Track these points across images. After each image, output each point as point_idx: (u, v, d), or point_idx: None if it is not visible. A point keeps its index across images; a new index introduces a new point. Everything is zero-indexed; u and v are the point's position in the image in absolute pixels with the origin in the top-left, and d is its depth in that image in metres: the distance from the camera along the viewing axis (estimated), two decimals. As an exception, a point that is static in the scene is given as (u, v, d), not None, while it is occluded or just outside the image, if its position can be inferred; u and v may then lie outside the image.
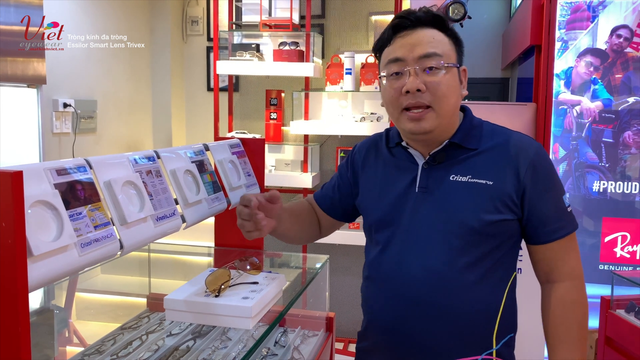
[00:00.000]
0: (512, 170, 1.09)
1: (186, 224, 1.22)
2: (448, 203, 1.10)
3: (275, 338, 1.62)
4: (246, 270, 1.33)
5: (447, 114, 1.10)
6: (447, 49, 1.09)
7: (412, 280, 1.11)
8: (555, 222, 1.11)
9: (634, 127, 2.59)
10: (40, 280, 0.80)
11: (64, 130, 3.11)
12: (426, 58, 1.07)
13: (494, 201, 1.08)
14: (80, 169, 0.94)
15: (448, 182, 1.11)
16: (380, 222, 1.19)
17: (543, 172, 1.10)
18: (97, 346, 1.42)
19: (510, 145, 1.11)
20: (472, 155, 1.12)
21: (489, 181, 1.09)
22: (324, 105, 3.30)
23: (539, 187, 1.09)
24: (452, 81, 1.09)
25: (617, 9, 2.57)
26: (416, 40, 1.08)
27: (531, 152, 1.10)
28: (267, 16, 3.10)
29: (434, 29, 1.10)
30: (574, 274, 1.14)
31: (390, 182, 1.19)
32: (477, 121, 1.18)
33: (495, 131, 1.16)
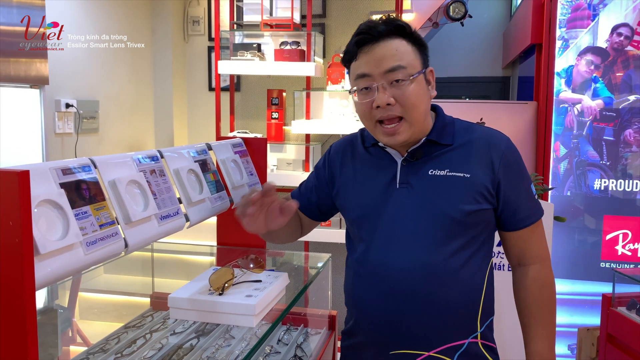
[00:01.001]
0: (487, 163, 1.15)
1: (190, 223, 1.22)
2: (429, 196, 1.15)
3: (278, 336, 1.63)
4: (249, 269, 1.34)
5: (419, 121, 1.15)
6: (411, 58, 1.12)
7: (399, 272, 1.14)
8: (526, 210, 1.19)
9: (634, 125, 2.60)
10: (47, 278, 0.81)
11: (66, 131, 3.12)
12: (392, 72, 1.10)
13: (471, 192, 1.14)
14: (85, 168, 0.95)
15: (427, 176, 1.16)
16: (362, 219, 1.22)
17: (514, 164, 1.18)
18: (101, 345, 1.43)
19: (483, 140, 1.18)
20: (448, 151, 1.18)
21: (466, 174, 1.14)
22: (325, 104, 3.30)
23: (512, 179, 1.17)
24: (419, 89, 1.12)
25: (617, 7, 2.58)
26: (380, 55, 1.11)
27: (502, 146, 1.17)
28: (268, 16, 3.11)
29: (397, 39, 1.12)
30: (543, 256, 1.23)
31: (370, 179, 1.22)
32: (449, 119, 1.24)
33: (467, 128, 1.22)
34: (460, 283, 1.14)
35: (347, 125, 3.08)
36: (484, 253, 1.20)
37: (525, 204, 1.19)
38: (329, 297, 1.79)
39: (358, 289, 1.23)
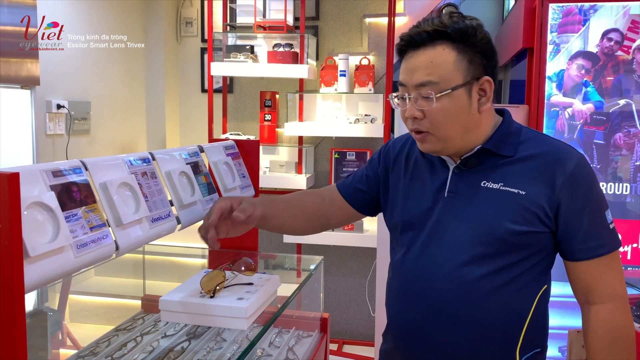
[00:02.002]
0: (548, 181, 1.05)
1: (181, 226, 1.22)
2: (476, 209, 1.08)
3: (269, 339, 1.63)
4: (241, 272, 1.33)
5: (452, 136, 1.07)
6: (448, 70, 1.03)
7: (433, 285, 1.09)
8: (593, 239, 1.05)
9: (624, 129, 2.62)
10: (37, 281, 0.80)
11: (57, 132, 3.10)
12: (421, 87, 1.04)
13: (523, 212, 1.04)
14: (76, 170, 0.95)
15: (478, 188, 1.09)
16: (407, 224, 1.17)
17: (582, 186, 1.05)
18: (92, 348, 1.42)
19: (549, 155, 1.07)
20: (507, 163, 1.08)
21: (521, 191, 1.05)
22: (318, 106, 3.31)
23: (577, 202, 1.04)
24: (451, 106, 1.04)
25: (607, 12, 2.60)
26: (414, 66, 1.05)
27: (570, 164, 1.05)
28: (262, 18, 3.11)
29: (440, 46, 1.03)
30: (616, 295, 1.07)
31: (420, 183, 1.17)
32: (515, 127, 1.13)
33: (535, 139, 1.11)
34: (497, 306, 1.06)
35: (340, 128, 3.09)
36: (534, 278, 1.09)
37: (592, 233, 1.05)
38: (321, 299, 1.79)
39: (391, 293, 1.20)
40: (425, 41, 1.04)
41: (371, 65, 3.17)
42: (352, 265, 3.38)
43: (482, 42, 1.05)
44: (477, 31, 1.05)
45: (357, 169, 3.26)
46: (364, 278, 3.32)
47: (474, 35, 1.04)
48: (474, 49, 1.04)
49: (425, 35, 1.04)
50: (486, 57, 1.06)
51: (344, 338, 3.39)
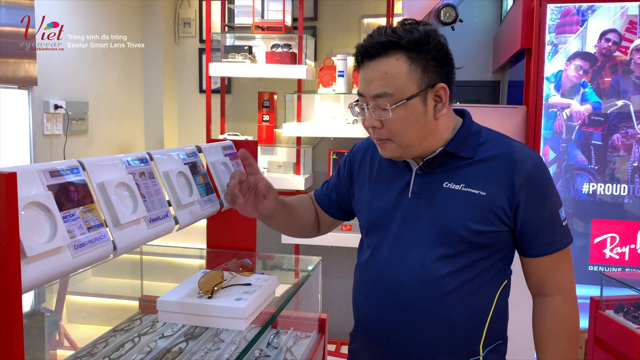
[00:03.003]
0: (507, 182, 1.08)
1: (179, 226, 1.22)
2: (439, 210, 1.11)
3: (268, 339, 1.63)
4: (239, 272, 1.33)
5: (411, 142, 1.09)
6: (402, 81, 1.04)
7: (398, 286, 1.12)
8: (549, 236, 1.10)
9: (622, 130, 2.63)
10: (34, 281, 0.80)
11: (55, 132, 3.10)
12: (378, 98, 1.06)
13: (485, 212, 1.08)
14: (74, 170, 0.94)
15: (441, 189, 1.11)
16: (371, 225, 1.20)
17: (539, 187, 1.09)
18: (89, 349, 1.42)
19: (508, 156, 1.10)
20: (467, 164, 1.11)
21: (482, 191, 1.08)
22: (316, 107, 3.31)
23: (534, 202, 1.09)
24: (408, 115, 1.06)
25: (605, 13, 2.61)
26: (370, 77, 1.07)
27: (529, 165, 1.09)
28: (260, 18, 3.11)
29: (394, 56, 1.04)
30: (566, 288, 1.14)
31: (384, 185, 1.20)
32: (475, 128, 1.16)
33: (494, 140, 1.14)
34: (461, 304, 1.09)
35: (338, 128, 3.09)
36: (495, 274, 1.13)
37: (548, 230, 1.10)
38: (319, 300, 1.78)
39: (358, 294, 1.23)
40: (379, 52, 1.06)
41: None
42: (350, 265, 3.38)
43: (436, 48, 1.06)
44: (431, 38, 1.06)
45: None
46: (362, 279, 3.32)
47: (427, 43, 1.05)
48: (427, 57, 1.05)
49: (379, 46, 1.05)
50: (441, 64, 1.07)
51: (342, 339, 3.38)
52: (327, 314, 1.78)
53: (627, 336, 1.85)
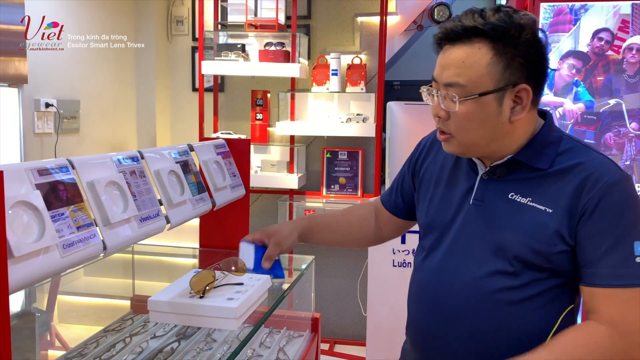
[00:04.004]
0: (576, 197, 0.96)
1: (170, 225, 1.21)
2: (500, 222, 1.02)
3: (260, 339, 1.62)
4: (231, 272, 1.32)
5: (476, 142, 1.00)
6: (479, 73, 0.95)
7: (450, 294, 1.06)
8: (609, 267, 0.94)
9: (614, 129, 2.64)
10: (21, 282, 0.79)
11: (45, 131, 3.07)
12: (449, 87, 0.97)
13: (549, 231, 0.97)
14: (63, 169, 0.93)
15: (505, 199, 1.02)
16: (428, 227, 1.14)
17: (608, 210, 0.94)
18: (80, 349, 1.40)
19: (583, 169, 0.97)
20: (540, 176, 1.00)
21: (549, 208, 0.98)
22: (310, 106, 3.30)
23: (597, 225, 0.95)
24: (477, 112, 0.96)
25: (598, 12, 2.61)
26: (446, 63, 0.98)
27: (602, 182, 0.95)
28: (253, 16, 3.10)
29: (478, 43, 0.95)
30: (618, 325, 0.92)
31: (447, 185, 1.13)
32: (555, 136, 1.03)
33: (574, 150, 1.01)
34: (515, 321, 1.00)
35: (331, 127, 3.08)
36: (557, 296, 1.02)
37: (611, 261, 0.93)
38: (312, 299, 1.78)
39: (411, 294, 1.18)
40: (461, 36, 0.96)
41: (363, 64, 3.16)
42: (343, 265, 3.38)
43: (528, 44, 0.95)
44: (525, 31, 0.95)
45: (348, 168, 3.26)
46: (356, 278, 3.31)
47: (518, 36, 0.94)
48: (514, 52, 0.94)
49: (462, 30, 0.96)
50: (530, 62, 0.96)
51: (336, 338, 3.38)
52: (320, 314, 1.77)
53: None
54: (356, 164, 3.24)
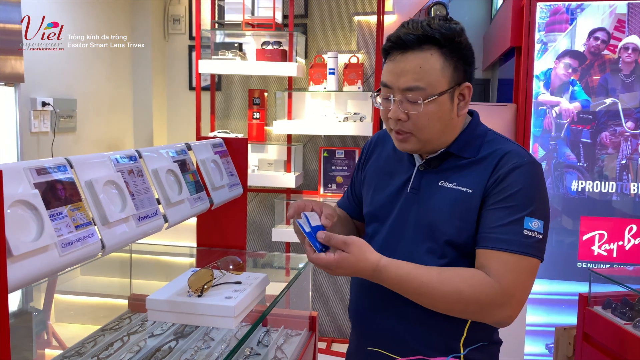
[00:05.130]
0: (489, 177, 1.09)
1: (168, 224, 1.21)
2: (431, 207, 1.12)
3: (258, 338, 1.62)
4: (229, 270, 1.32)
5: (432, 138, 1.11)
6: (435, 77, 1.05)
7: None
8: (500, 233, 1.04)
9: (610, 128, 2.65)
10: (20, 280, 0.79)
11: (42, 130, 3.06)
12: (409, 91, 1.06)
13: (468, 208, 1.09)
14: (61, 168, 0.93)
15: (436, 187, 1.13)
16: (371, 216, 1.23)
17: (511, 185, 1.06)
18: (77, 348, 1.40)
19: (499, 154, 1.10)
20: (465, 164, 1.13)
21: (469, 189, 1.09)
22: (307, 105, 3.30)
23: (498, 196, 1.06)
24: (436, 111, 1.07)
25: (594, 12, 2.62)
26: (401, 69, 1.07)
27: (511, 163, 1.07)
28: (250, 15, 3.09)
29: (429, 50, 1.05)
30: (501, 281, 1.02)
31: (388, 177, 1.22)
32: (481, 130, 1.16)
33: (495, 141, 1.14)
34: None
35: (329, 126, 3.08)
36: None
37: (502, 229, 1.04)
38: (309, 298, 1.78)
39: (352, 278, 1.26)
40: (413, 45, 1.06)
41: (360, 63, 3.17)
42: (341, 263, 3.38)
43: (466, 47, 1.09)
44: (462, 36, 1.08)
45: (345, 167, 3.27)
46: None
47: (460, 42, 1.07)
48: (458, 55, 1.07)
49: (414, 38, 1.05)
50: (467, 63, 1.10)
51: (333, 336, 3.39)
52: (317, 312, 1.78)
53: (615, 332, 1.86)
54: (353, 163, 3.25)
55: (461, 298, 1.03)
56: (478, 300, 1.03)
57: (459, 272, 1.05)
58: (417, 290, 1.04)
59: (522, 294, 1.05)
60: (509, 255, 1.04)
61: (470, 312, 1.05)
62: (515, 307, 1.04)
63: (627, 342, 1.80)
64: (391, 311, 1.14)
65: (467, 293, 1.02)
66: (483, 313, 1.05)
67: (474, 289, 1.02)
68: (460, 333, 1.13)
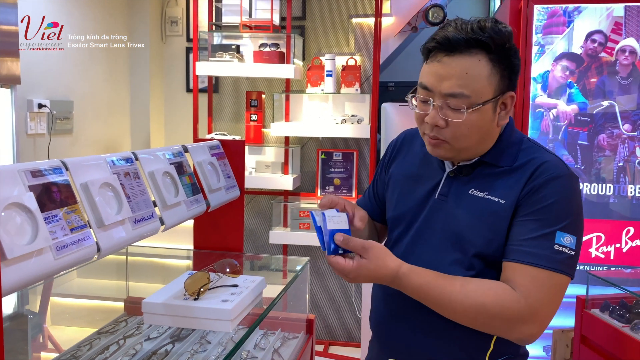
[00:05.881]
0: (523, 187, 1.03)
1: (165, 227, 1.20)
2: (458, 216, 1.08)
3: (255, 341, 1.61)
4: (226, 273, 1.32)
5: (469, 147, 1.06)
6: (482, 84, 0.99)
7: None
8: (530, 247, 1.00)
9: (607, 130, 2.65)
10: (15, 284, 0.78)
11: (38, 132, 3.05)
12: (451, 97, 1.00)
13: (499, 219, 1.04)
14: (56, 170, 0.92)
15: (466, 194, 1.09)
16: (396, 220, 1.18)
17: (546, 197, 1.01)
18: (73, 351, 1.40)
19: (534, 163, 1.05)
20: (498, 173, 1.07)
21: (502, 199, 1.04)
22: (304, 107, 3.30)
23: (532, 208, 1.02)
24: (478, 120, 1.01)
25: (591, 14, 2.63)
26: (446, 73, 1.00)
27: (547, 174, 1.02)
28: (247, 17, 3.09)
29: (477, 55, 0.99)
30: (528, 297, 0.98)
31: (415, 182, 1.17)
32: (516, 138, 1.11)
33: (530, 150, 1.09)
34: None
35: (326, 128, 3.08)
36: None
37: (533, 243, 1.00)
38: (307, 300, 1.78)
39: (375, 286, 1.22)
40: (461, 47, 0.99)
41: (358, 65, 3.17)
42: (338, 265, 3.37)
43: (515, 55, 1.03)
44: (511, 42, 1.02)
45: (343, 169, 3.26)
46: (350, 279, 3.31)
47: (509, 49, 1.01)
48: (506, 62, 1.01)
49: (463, 40, 0.99)
50: (514, 72, 1.04)
51: (330, 339, 3.38)
52: (314, 315, 1.77)
53: (613, 334, 1.86)
54: (351, 165, 3.24)
55: (484, 311, 0.99)
56: (501, 315, 0.99)
57: (483, 285, 1.01)
58: (437, 301, 1.01)
59: (547, 312, 1.01)
60: (537, 271, 1.00)
61: (493, 326, 1.01)
62: (539, 325, 1.00)
63: (624, 344, 1.80)
64: (413, 321, 1.10)
65: (490, 307, 0.99)
66: (505, 328, 1.01)
67: (498, 304, 0.99)
68: (486, 346, 1.08)
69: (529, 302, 0.98)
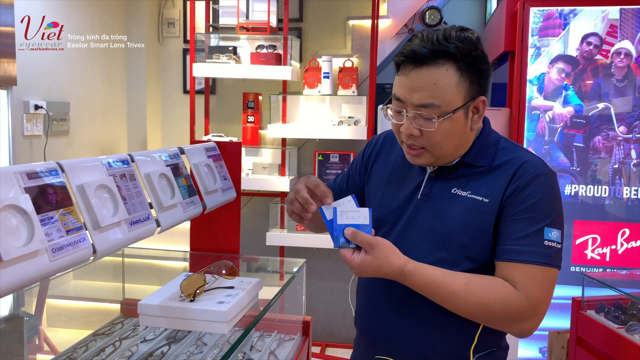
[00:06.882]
0: (506, 186, 1.07)
1: (161, 228, 1.20)
2: (443, 215, 1.10)
3: (251, 342, 1.61)
4: (222, 275, 1.32)
5: (446, 152, 1.08)
6: (451, 93, 1.02)
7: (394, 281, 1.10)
8: (521, 245, 1.04)
9: (603, 132, 2.66)
10: (10, 286, 0.78)
11: (35, 133, 3.04)
12: (423, 108, 1.02)
13: (484, 217, 1.07)
14: (52, 172, 0.92)
15: (449, 194, 1.11)
16: (379, 222, 1.19)
17: (530, 195, 1.05)
18: (69, 353, 1.39)
19: (514, 163, 1.09)
20: (479, 172, 1.11)
21: (485, 198, 1.08)
22: (301, 108, 3.30)
23: (519, 207, 1.05)
24: (450, 127, 1.04)
25: (587, 17, 2.64)
26: (416, 85, 1.02)
27: (529, 173, 1.06)
28: (245, 19, 3.09)
29: (444, 65, 1.01)
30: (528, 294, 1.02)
31: (397, 182, 1.20)
32: (493, 138, 1.14)
33: (509, 149, 1.13)
34: None
35: (323, 130, 3.08)
36: None
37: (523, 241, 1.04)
38: (303, 302, 1.78)
39: (359, 284, 1.25)
40: (427, 59, 1.01)
41: (355, 67, 3.17)
42: (334, 268, 3.38)
43: (483, 60, 1.05)
44: (478, 48, 1.04)
45: (340, 171, 3.26)
46: (347, 281, 3.32)
47: (476, 56, 1.03)
48: (474, 69, 1.03)
49: (429, 52, 1.01)
50: (483, 77, 1.06)
51: (327, 341, 3.38)
52: (311, 317, 1.77)
53: (608, 336, 1.87)
54: (347, 166, 3.25)
55: (487, 309, 1.03)
56: (504, 312, 1.03)
57: (486, 283, 1.04)
58: (442, 298, 1.04)
59: (545, 305, 1.06)
60: (533, 268, 1.04)
61: (495, 322, 1.06)
62: (539, 318, 1.05)
63: (620, 346, 1.81)
64: (402, 314, 1.13)
65: (493, 305, 1.02)
66: (507, 324, 1.06)
67: (501, 302, 1.02)
68: (471, 339, 1.12)
69: (529, 299, 1.02)
